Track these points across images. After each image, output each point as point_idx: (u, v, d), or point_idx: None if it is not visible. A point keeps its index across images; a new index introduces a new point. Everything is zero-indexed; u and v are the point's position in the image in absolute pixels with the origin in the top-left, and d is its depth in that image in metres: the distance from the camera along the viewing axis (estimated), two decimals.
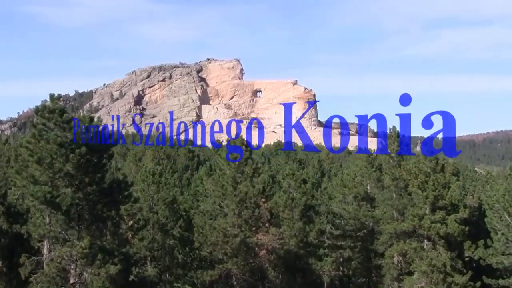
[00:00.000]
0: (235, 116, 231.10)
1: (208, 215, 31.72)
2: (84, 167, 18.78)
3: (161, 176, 30.15)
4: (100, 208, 19.28)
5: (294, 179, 34.74)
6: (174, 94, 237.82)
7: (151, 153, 56.64)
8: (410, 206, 29.27)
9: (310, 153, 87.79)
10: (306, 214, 32.83)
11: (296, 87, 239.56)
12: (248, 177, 28.45)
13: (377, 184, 34.99)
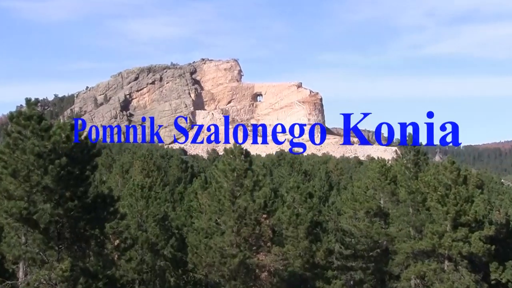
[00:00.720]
0: (233, 123, 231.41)
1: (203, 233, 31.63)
2: (65, 180, 18.73)
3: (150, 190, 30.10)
4: (83, 225, 19.21)
5: (299, 192, 34.69)
6: (165, 99, 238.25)
7: (139, 164, 56.57)
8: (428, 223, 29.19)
9: (317, 164, 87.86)
10: (312, 231, 32.75)
11: (300, 90, 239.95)
12: (248, 190, 28.40)
13: (391, 198, 34.92)
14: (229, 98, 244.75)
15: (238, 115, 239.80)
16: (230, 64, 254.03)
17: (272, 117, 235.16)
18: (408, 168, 33.22)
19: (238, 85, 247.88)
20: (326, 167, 76.38)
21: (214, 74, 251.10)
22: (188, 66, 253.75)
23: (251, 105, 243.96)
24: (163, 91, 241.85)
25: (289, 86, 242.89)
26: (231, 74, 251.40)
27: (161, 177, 55.45)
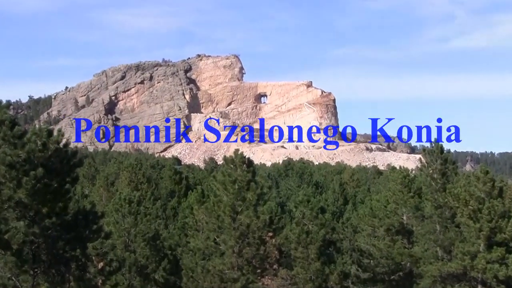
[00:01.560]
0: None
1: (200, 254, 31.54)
2: (41, 194, 18.69)
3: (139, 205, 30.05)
4: (62, 246, 19.15)
5: (310, 207, 34.60)
6: (156, 100, 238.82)
7: (126, 176, 56.54)
8: (459, 242, 29.04)
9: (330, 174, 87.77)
10: (325, 252, 32.65)
11: (311, 90, 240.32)
12: (251, 205, 28.33)
13: (415, 213, 34.79)
14: (229, 100, 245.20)
15: (240, 118, 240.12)
16: (230, 61, 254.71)
17: (279, 120, 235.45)
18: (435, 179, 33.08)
19: (239, 84, 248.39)
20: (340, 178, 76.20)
21: (211, 72, 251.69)
22: (182, 63, 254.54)
23: (254, 107, 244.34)
24: (153, 91, 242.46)
25: (298, 85, 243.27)
26: (231, 72, 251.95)
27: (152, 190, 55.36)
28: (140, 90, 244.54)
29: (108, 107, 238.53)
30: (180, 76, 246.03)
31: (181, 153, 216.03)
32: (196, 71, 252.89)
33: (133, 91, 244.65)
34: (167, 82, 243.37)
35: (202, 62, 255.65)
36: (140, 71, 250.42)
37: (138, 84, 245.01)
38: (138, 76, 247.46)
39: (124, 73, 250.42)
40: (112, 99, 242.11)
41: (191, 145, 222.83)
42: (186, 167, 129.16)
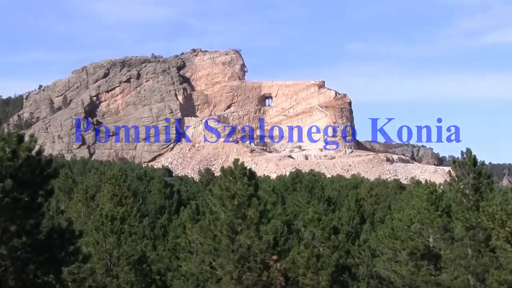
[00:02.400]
0: (234, 134, 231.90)
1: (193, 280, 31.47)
2: (9, 210, 18.65)
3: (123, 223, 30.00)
4: (33, 270, 19.10)
5: (321, 227, 34.49)
6: (144, 102, 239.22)
7: (109, 188, 56.55)
8: (494, 269, 28.92)
9: (344, 188, 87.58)
10: (338, 279, 32.54)
11: (323, 91, 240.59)
12: (253, 224, 28.27)
13: (444, 234, 34.69)
14: (229, 102, 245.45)
15: (241, 123, 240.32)
16: (230, 57, 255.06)
17: (285, 126, 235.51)
18: (467, 195, 33.00)
19: (241, 84, 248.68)
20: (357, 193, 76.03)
21: (208, 70, 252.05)
22: (174, 59, 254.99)
23: (258, 110, 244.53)
24: (141, 91, 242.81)
25: (308, 85, 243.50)
26: (231, 70, 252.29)
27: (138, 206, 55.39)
28: (126, 89, 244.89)
29: (89, 109, 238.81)
30: (172, 74, 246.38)
31: (173, 163, 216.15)
32: (190, 69, 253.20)
33: (117, 91, 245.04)
34: (157, 81, 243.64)
35: (198, 58, 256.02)
36: (125, 68, 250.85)
37: (123, 82, 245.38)
38: (124, 74, 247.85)
39: (107, 70, 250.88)
40: (93, 100, 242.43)
41: (184, 154, 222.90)
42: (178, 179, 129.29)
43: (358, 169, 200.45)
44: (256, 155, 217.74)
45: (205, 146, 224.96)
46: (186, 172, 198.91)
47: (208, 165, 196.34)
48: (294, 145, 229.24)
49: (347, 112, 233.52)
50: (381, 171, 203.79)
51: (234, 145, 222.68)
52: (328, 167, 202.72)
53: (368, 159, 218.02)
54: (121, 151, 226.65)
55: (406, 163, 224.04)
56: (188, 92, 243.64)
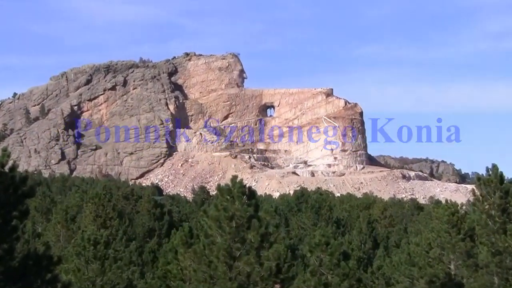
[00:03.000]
0: (232, 148, 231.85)
1: None
2: None
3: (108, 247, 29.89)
4: None
5: (329, 252, 34.40)
6: (131, 112, 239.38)
7: (92, 209, 56.47)
8: None
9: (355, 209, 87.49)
10: None
11: (331, 100, 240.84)
12: (253, 248, 28.17)
13: (467, 261, 34.57)
14: (226, 112, 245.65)
15: (239, 135, 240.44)
16: (227, 61, 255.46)
17: (289, 139, 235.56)
18: (492, 217, 32.89)
19: (239, 92, 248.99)
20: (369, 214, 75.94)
21: (203, 76, 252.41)
22: (165, 64, 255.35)
23: (258, 121, 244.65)
24: (128, 100, 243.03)
25: (314, 93, 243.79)
26: (228, 76, 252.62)
27: (124, 228, 55.24)
28: (111, 98, 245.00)
29: (69, 120, 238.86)
30: (162, 81, 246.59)
31: (163, 180, 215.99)
32: (183, 75, 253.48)
33: (101, 100, 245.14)
34: (145, 89, 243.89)
35: (191, 63, 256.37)
36: (110, 74, 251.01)
37: (108, 90, 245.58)
38: (108, 80, 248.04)
39: (89, 76, 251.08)
40: (74, 109, 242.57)
41: (176, 170, 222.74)
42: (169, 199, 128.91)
43: (370, 187, 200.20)
44: (257, 171, 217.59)
45: (200, 161, 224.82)
46: (178, 190, 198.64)
47: (202, 183, 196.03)
48: (298, 160, 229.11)
49: (358, 124, 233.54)
50: (396, 190, 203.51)
51: (232, 160, 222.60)
52: (337, 185, 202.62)
53: (381, 176, 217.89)
54: (105, 167, 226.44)
55: (424, 181, 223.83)
56: (181, 101, 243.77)
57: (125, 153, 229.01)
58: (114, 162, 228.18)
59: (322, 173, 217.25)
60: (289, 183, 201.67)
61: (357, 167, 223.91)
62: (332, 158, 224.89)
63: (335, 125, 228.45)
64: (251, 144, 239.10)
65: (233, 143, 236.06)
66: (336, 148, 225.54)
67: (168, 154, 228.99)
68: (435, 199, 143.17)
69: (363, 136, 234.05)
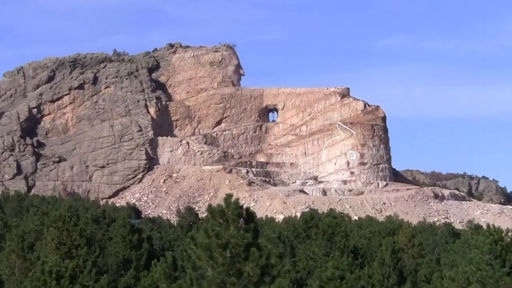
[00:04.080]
0: (226, 160, 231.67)
1: None
2: None
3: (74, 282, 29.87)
4: None
5: (344, 287, 34.44)
6: (103, 116, 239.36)
7: (54, 235, 56.47)
8: None
9: (376, 235, 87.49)
10: None
11: (347, 101, 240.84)
12: (251, 284, 28.23)
13: None
14: (219, 116, 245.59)
15: (235, 145, 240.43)
16: (220, 55, 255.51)
17: (296, 150, 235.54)
18: None
19: (235, 92, 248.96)
20: (393, 241, 75.85)
21: (191, 73, 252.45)
22: (144, 58, 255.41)
23: (258, 128, 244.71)
24: (99, 102, 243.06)
25: (327, 94, 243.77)
26: (221, 73, 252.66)
27: (94, 258, 55.25)
28: (78, 99, 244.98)
29: (27, 125, 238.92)
30: (141, 78, 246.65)
31: (142, 199, 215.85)
32: (166, 71, 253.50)
33: (66, 101, 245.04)
34: (120, 87, 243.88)
35: (177, 57, 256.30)
36: (77, 69, 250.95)
37: (74, 89, 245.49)
38: (75, 78, 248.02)
39: (52, 72, 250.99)
40: (33, 112, 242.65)
41: (158, 188, 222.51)
42: (149, 222, 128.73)
43: (395, 209, 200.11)
44: (256, 189, 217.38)
45: (186, 176, 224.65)
46: (160, 212, 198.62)
47: (190, 203, 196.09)
48: (307, 176, 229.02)
49: (380, 131, 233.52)
50: (427, 212, 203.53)
51: (225, 176, 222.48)
52: (354, 206, 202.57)
53: (409, 195, 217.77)
54: (71, 184, 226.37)
55: (461, 201, 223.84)
56: (163, 102, 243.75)
57: (95, 166, 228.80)
58: (82, 178, 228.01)
59: (336, 192, 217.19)
60: (295, 203, 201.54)
61: (379, 184, 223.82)
62: (348, 173, 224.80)
63: (352, 133, 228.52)
64: (250, 155, 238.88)
65: (228, 155, 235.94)
66: (354, 161, 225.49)
67: (147, 168, 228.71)
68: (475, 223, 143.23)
69: (387, 146, 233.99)
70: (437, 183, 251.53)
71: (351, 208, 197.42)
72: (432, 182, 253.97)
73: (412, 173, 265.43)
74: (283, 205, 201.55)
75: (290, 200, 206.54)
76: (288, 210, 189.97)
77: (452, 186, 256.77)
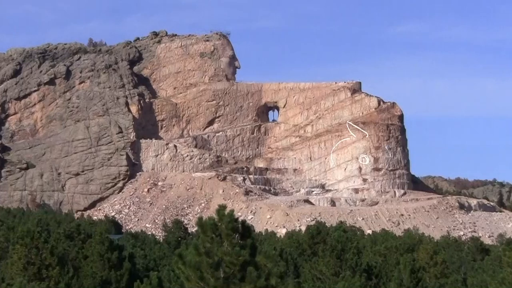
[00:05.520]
0: (220, 166, 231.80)
1: None
2: None
3: None
4: None
5: None
6: (78, 116, 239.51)
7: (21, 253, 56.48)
8: None
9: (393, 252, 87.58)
10: None
11: (359, 97, 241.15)
12: None
13: None
14: (211, 115, 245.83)
15: (229, 149, 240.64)
16: (211, 44, 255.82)
17: (300, 154, 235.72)
18: None
19: (230, 87, 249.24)
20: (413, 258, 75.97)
21: (178, 65, 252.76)
22: (124, 49, 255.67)
23: (256, 129, 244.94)
24: (72, 99, 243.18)
25: (335, 89, 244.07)
26: (214, 65, 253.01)
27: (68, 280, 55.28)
28: (48, 96, 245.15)
29: None
30: (121, 72, 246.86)
31: (122, 211, 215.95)
32: (150, 63, 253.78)
33: (34, 99, 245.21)
34: (97, 83, 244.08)
35: (162, 47, 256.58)
36: (48, 62, 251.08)
37: (44, 85, 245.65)
38: (45, 71, 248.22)
39: (18, 65, 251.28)
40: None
41: (141, 198, 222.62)
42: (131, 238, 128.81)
43: (415, 222, 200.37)
44: (254, 198, 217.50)
45: (174, 185, 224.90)
46: (144, 226, 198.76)
47: (178, 215, 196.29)
48: (313, 184, 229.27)
49: (396, 131, 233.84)
50: (451, 225, 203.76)
51: (219, 184, 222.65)
52: (367, 218, 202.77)
53: (430, 205, 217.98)
54: (40, 194, 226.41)
55: (490, 212, 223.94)
56: (147, 100, 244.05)
57: (69, 174, 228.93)
58: (53, 187, 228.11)
59: (347, 202, 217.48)
60: (299, 215, 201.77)
61: (396, 193, 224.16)
62: (360, 180, 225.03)
63: (364, 134, 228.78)
64: (247, 160, 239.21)
65: (221, 160, 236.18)
66: (366, 166, 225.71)
67: (129, 175, 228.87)
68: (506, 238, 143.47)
69: (404, 149, 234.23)
70: (462, 192, 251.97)
71: (363, 220, 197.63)
72: (457, 190, 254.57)
73: (434, 180, 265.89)
74: (286, 218, 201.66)
75: (293, 212, 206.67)
76: (291, 223, 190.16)
77: (480, 194, 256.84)
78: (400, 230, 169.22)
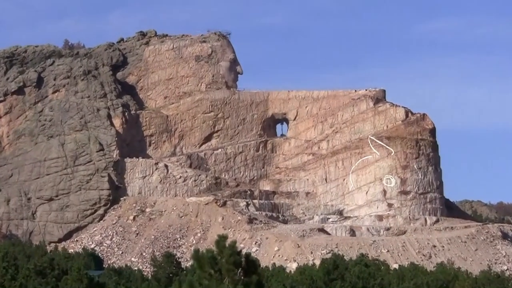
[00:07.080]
0: (219, 189, 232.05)
1: None
2: None
3: None
4: None
5: None
6: (50, 130, 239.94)
7: None
8: None
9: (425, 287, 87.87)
10: None
11: (383, 108, 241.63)
12: None
13: None
14: (208, 130, 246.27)
15: (230, 169, 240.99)
16: (209, 46, 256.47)
17: (313, 175, 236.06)
18: None
19: (230, 96, 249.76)
20: None
21: (170, 71, 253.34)
22: (106, 52, 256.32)
23: (262, 145, 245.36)
24: (45, 111, 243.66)
25: (355, 98, 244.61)
26: (211, 71, 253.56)
27: None
28: (16, 107, 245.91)
29: None
30: (102, 79, 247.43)
31: (104, 243, 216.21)
32: (136, 69, 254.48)
33: (1, 111, 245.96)
34: (73, 92, 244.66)
35: (151, 50, 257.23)
36: (16, 68, 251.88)
37: (11, 95, 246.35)
38: (12, 79, 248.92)
39: None
40: None
41: (125, 227, 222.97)
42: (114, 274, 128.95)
43: (449, 254, 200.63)
44: (260, 228, 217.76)
45: (165, 211, 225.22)
46: (129, 260, 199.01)
47: (169, 247, 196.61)
48: (329, 210, 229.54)
49: (428, 148, 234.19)
50: (493, 257, 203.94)
51: (218, 210, 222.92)
52: (393, 250, 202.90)
53: (467, 234, 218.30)
54: (7, 223, 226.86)
55: None
56: (133, 111, 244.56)
57: (40, 199, 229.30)
58: (22, 215, 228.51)
59: (369, 231, 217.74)
60: (313, 247, 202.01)
61: (427, 221, 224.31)
62: (385, 205, 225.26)
63: (389, 151, 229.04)
64: (250, 182, 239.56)
65: (220, 182, 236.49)
66: (392, 188, 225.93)
67: (111, 201, 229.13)
68: None
69: (437, 169, 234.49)
70: (506, 219, 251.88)
71: (389, 253, 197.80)
72: (499, 217, 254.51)
73: (472, 205, 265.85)
74: (297, 250, 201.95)
75: (306, 243, 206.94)
76: (304, 256, 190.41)
77: None
78: (432, 264, 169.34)
